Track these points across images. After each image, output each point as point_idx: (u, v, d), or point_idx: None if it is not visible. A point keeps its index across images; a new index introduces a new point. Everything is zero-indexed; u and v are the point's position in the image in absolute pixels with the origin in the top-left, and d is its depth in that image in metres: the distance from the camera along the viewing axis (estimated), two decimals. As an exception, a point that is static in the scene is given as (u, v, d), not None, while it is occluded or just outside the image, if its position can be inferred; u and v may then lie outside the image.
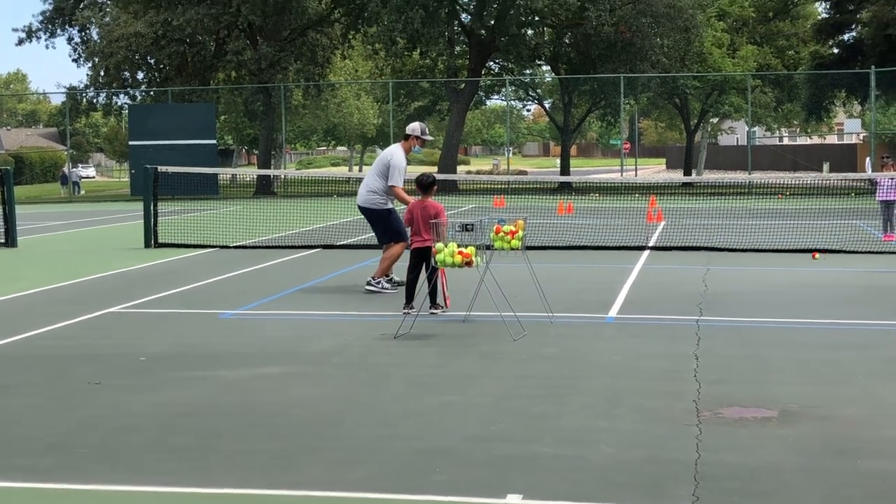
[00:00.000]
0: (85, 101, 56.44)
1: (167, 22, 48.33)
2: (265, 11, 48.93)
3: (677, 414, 7.33)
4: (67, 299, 13.59)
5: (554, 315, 11.33)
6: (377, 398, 7.99)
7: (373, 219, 13.77)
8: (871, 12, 43.92)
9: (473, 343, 10.21)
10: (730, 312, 11.82)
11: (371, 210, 13.70)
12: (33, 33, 57.50)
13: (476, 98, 57.08)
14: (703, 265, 16.34)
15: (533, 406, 7.66)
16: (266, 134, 52.85)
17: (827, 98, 50.16)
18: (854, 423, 7.11)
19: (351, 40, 54.23)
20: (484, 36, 49.14)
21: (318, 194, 41.53)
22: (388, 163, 13.58)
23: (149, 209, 20.68)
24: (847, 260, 17.12)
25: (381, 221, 13.69)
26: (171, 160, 37.76)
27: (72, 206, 43.88)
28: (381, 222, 13.68)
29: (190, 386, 8.46)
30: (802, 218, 24.55)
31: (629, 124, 66.46)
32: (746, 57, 54.63)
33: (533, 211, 29.22)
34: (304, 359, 9.57)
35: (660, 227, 23.79)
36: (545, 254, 18.01)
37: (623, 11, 45.19)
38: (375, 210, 13.66)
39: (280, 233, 23.29)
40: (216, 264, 17.41)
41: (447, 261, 10.53)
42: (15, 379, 8.87)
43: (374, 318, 11.74)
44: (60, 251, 21.37)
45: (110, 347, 10.21)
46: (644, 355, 9.44)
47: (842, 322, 11.19)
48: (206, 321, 11.73)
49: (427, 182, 12.13)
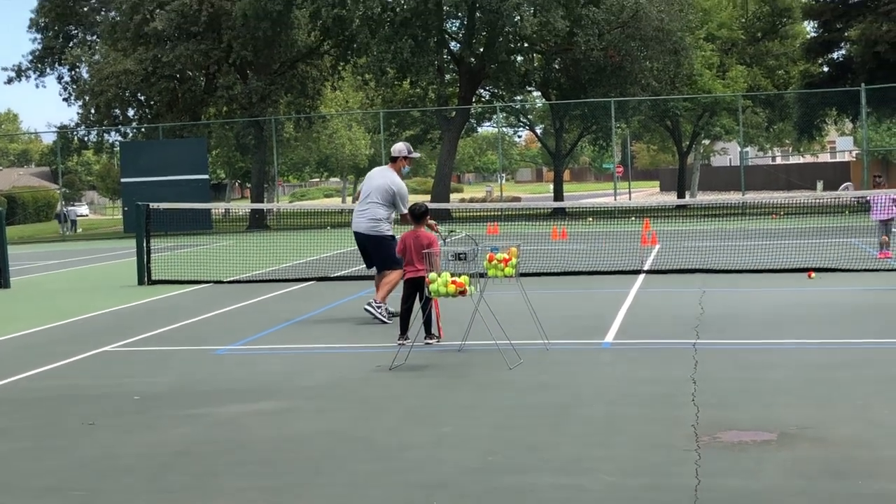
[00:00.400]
0: (76, 139, 56.49)
1: (157, 58, 48.43)
2: (255, 46, 49.05)
3: (676, 439, 7.27)
4: (61, 339, 13.52)
5: (550, 342, 11.28)
6: (373, 432, 7.92)
7: (377, 246, 13.70)
8: (860, 30, 44.06)
9: (469, 373, 10.16)
10: (726, 335, 11.78)
11: (376, 238, 13.68)
12: (23, 72, 57.71)
13: (467, 125, 57.16)
14: (698, 287, 16.29)
15: (530, 435, 7.60)
16: (258, 167, 52.87)
17: (818, 117, 50.23)
18: (852, 443, 7.06)
19: (341, 72, 54.33)
20: (473, 64, 49.25)
21: (311, 226, 41.56)
22: (392, 191, 13.59)
23: (142, 246, 20.64)
24: (843, 278, 17.09)
25: (386, 249, 13.59)
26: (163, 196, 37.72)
27: (65, 244, 43.82)
28: (385, 250, 13.57)
29: (185, 424, 8.39)
30: (797, 237, 24.53)
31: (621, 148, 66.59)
32: (736, 78, 54.78)
33: (527, 237, 29.21)
34: (300, 393, 9.51)
35: (654, 250, 23.75)
36: (540, 280, 17.98)
37: (611, 35, 45.31)
38: (380, 237, 13.64)
39: (274, 266, 23.23)
40: (210, 300, 17.35)
41: (441, 290, 10.48)
42: (7, 422, 8.79)
43: (369, 350, 11.68)
44: (54, 291, 21.31)
45: (104, 387, 10.14)
46: (641, 380, 9.38)
47: (838, 341, 11.15)
48: (201, 357, 11.66)
49: (419, 212, 12.08)
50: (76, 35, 58.98)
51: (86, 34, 58.64)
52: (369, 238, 13.73)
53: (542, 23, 43.38)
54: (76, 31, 58.92)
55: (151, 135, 52.02)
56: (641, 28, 44.84)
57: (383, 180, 13.77)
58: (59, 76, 58.82)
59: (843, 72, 47.36)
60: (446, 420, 8.21)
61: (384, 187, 13.64)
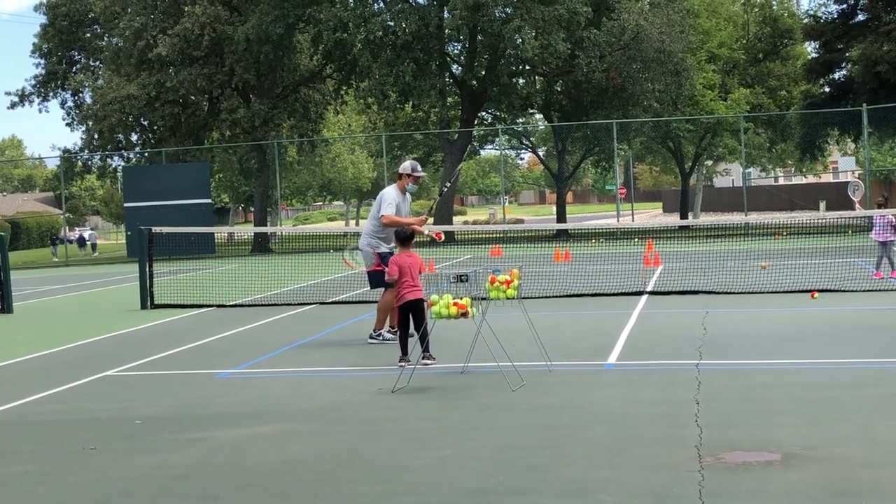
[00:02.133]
0: (80, 163, 56.61)
1: (160, 83, 48.58)
2: (257, 70, 49.21)
3: (679, 460, 7.23)
4: (63, 364, 13.50)
5: (552, 364, 11.25)
6: (374, 454, 7.89)
7: (366, 262, 13.87)
8: (860, 50, 44.10)
9: (471, 395, 10.12)
10: (729, 355, 11.73)
11: (364, 252, 13.86)
12: (26, 97, 57.92)
13: (470, 148, 57.22)
14: (701, 308, 16.25)
15: (532, 457, 7.56)
16: (261, 191, 52.94)
17: (820, 137, 50.24)
18: (855, 463, 7.02)
19: (343, 95, 54.45)
20: (475, 87, 49.35)
21: (314, 249, 41.55)
22: (379, 201, 13.83)
23: (144, 270, 20.64)
24: (846, 298, 17.05)
25: (368, 264, 13.84)
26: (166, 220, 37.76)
27: (68, 269, 43.84)
28: (368, 264, 13.79)
29: (185, 448, 8.36)
30: (800, 257, 24.49)
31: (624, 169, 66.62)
32: (739, 100, 54.83)
33: (530, 259, 29.18)
34: (301, 416, 9.48)
35: (657, 271, 23.72)
36: (542, 302, 17.95)
37: (613, 57, 45.37)
38: (367, 253, 13.79)
39: (276, 290, 23.20)
40: (213, 324, 17.33)
41: (443, 312, 10.46)
42: (8, 447, 8.76)
43: (370, 372, 11.65)
44: (56, 315, 21.30)
45: (105, 411, 10.11)
46: (644, 401, 9.35)
47: (840, 361, 11.11)
48: (203, 381, 11.63)
49: (405, 235, 12.07)
50: (79, 60, 59.20)
51: (89, 60, 58.85)
52: (362, 252, 14.00)
53: (543, 45, 43.46)
54: (79, 56, 59.13)
55: (154, 159, 52.12)
56: (642, 49, 44.90)
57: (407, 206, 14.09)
58: (62, 101, 59.06)
59: (845, 92, 47.41)
60: (448, 442, 8.17)
61: (377, 200, 13.99)
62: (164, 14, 50.12)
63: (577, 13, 43.82)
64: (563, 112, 53.30)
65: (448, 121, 50.48)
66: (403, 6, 46.19)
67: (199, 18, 47.66)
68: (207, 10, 47.84)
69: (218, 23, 48.10)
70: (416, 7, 47.12)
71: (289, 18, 46.18)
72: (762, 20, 59.28)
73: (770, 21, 58.80)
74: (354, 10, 45.67)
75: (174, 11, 49.73)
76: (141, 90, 48.61)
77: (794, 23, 57.36)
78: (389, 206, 13.65)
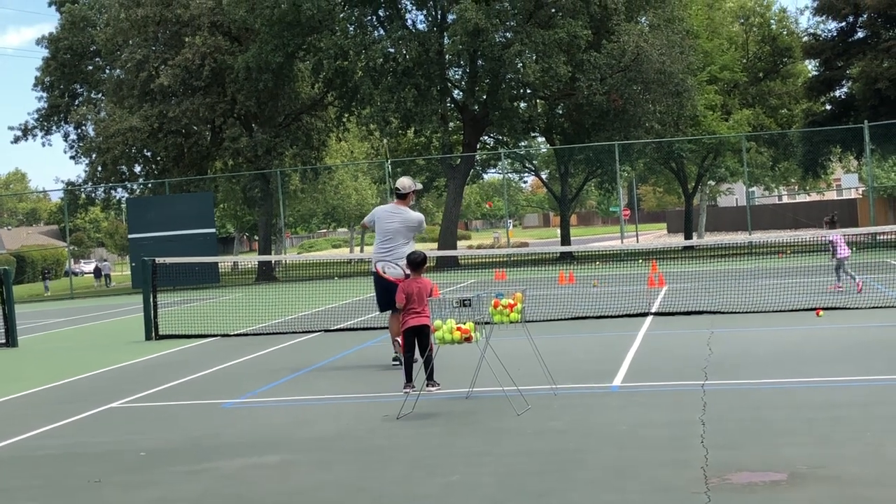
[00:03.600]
0: (83, 196, 56.74)
1: (163, 114, 48.73)
2: (259, 98, 49.33)
3: (685, 482, 7.19)
4: (67, 397, 13.48)
5: (557, 387, 11.22)
6: (380, 482, 7.85)
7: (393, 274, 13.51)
8: (860, 67, 44.18)
9: (477, 420, 10.08)
10: (735, 375, 11.69)
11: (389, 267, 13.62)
12: (29, 131, 58.11)
13: (473, 172, 57.27)
14: (707, 328, 16.22)
15: (540, 482, 7.53)
16: (265, 220, 52.98)
17: (822, 154, 50.22)
18: (863, 482, 6.98)
19: (346, 123, 54.56)
20: (477, 111, 49.42)
21: (319, 277, 41.55)
22: (414, 226, 13.90)
23: (148, 301, 20.63)
24: (851, 316, 17.00)
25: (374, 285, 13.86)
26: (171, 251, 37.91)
27: (73, 302, 43.87)
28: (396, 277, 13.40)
29: (190, 479, 8.33)
30: (805, 276, 24.46)
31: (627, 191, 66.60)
32: (741, 122, 54.84)
33: (534, 282, 29.15)
34: (306, 445, 9.44)
35: (662, 291, 23.69)
36: (547, 325, 17.92)
37: (613, 80, 45.43)
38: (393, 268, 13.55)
39: (281, 318, 23.18)
40: (217, 353, 17.31)
41: (446, 337, 10.43)
42: (14, 482, 8.73)
43: (376, 399, 11.61)
44: (61, 349, 21.29)
45: (110, 444, 10.09)
46: (650, 424, 9.31)
47: (846, 379, 11.07)
48: (208, 412, 11.61)
49: (418, 260, 12.07)
50: (82, 93, 59.40)
51: (91, 92, 59.05)
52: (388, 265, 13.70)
53: (543, 69, 43.55)
54: (82, 89, 59.32)
55: (158, 190, 52.21)
56: (643, 71, 44.96)
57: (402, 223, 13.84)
58: (65, 134, 59.22)
59: (846, 109, 47.47)
60: (454, 468, 8.14)
61: (407, 225, 13.80)
62: (166, 45, 50.31)
63: (577, 36, 43.94)
64: (565, 135, 53.35)
65: (450, 146, 50.55)
66: (403, 33, 46.32)
67: (200, 48, 47.84)
68: (208, 41, 48.03)
69: (218, 52, 48.28)
70: (416, 33, 47.27)
71: (289, 47, 46.34)
72: (761, 39, 59.38)
73: (769, 40, 58.88)
74: (355, 38, 45.82)
75: (175, 42, 49.91)
76: (143, 122, 48.75)
77: (793, 41, 57.44)
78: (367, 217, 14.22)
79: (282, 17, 44.83)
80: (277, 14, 44.61)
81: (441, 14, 48.13)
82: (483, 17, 42.69)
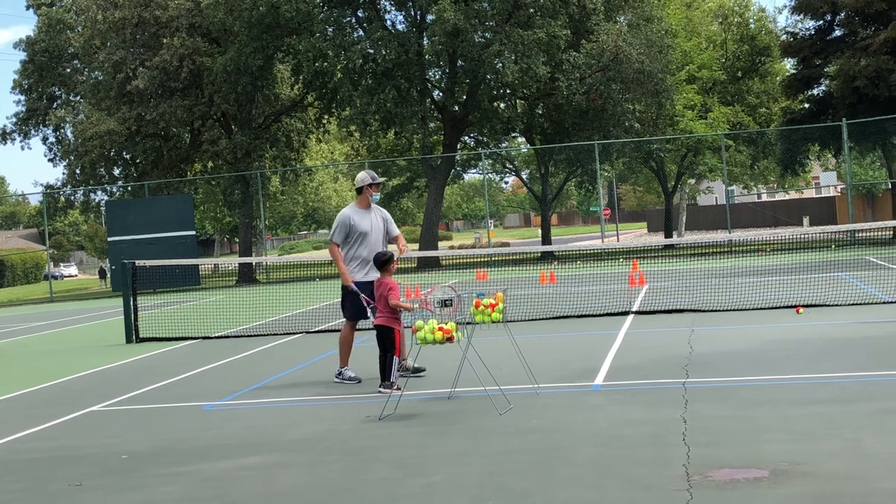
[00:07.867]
0: (62, 199, 56.54)
1: (140, 117, 48.62)
2: (238, 100, 49.24)
3: (667, 480, 7.21)
4: (47, 401, 13.42)
5: (539, 386, 11.23)
6: (364, 483, 7.85)
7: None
8: (838, 66, 44.40)
9: (459, 420, 10.08)
10: (716, 373, 11.72)
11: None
12: (7, 135, 57.91)
13: (453, 172, 57.30)
14: (687, 327, 16.26)
15: (521, 481, 7.53)
16: (245, 222, 52.91)
17: (801, 152, 50.44)
18: (845, 477, 7.01)
19: (326, 124, 54.50)
20: (457, 112, 49.48)
21: (300, 278, 41.48)
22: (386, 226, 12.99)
23: (128, 304, 20.58)
24: (830, 313, 17.08)
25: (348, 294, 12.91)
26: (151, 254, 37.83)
27: (53, 305, 43.67)
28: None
29: (172, 482, 8.31)
30: (785, 273, 24.55)
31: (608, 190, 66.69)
32: (718, 119, 55.01)
33: (515, 282, 29.17)
34: (288, 446, 9.43)
35: (643, 290, 23.74)
36: (529, 325, 17.93)
37: (593, 79, 45.54)
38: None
39: (262, 320, 23.14)
40: (198, 356, 17.27)
41: (428, 338, 10.43)
42: (-6, 486, 8.70)
43: (358, 400, 11.61)
44: (41, 352, 21.18)
45: (91, 447, 10.05)
46: (632, 422, 9.32)
47: (827, 375, 11.11)
48: (189, 414, 11.58)
49: (384, 259, 11.81)
50: (60, 96, 59.21)
51: (69, 95, 58.87)
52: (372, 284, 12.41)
53: (523, 69, 43.63)
54: (60, 91, 59.14)
55: (137, 193, 52.07)
56: (622, 71, 45.10)
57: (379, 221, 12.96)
58: (44, 137, 59.04)
59: (824, 107, 47.68)
60: (437, 468, 8.14)
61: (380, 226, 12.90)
62: (144, 47, 50.19)
63: (556, 36, 44.06)
64: (545, 135, 53.44)
65: (431, 146, 50.59)
66: (383, 33, 46.33)
67: (178, 50, 47.74)
68: (186, 42, 47.93)
69: (197, 54, 48.18)
70: (395, 34, 47.29)
71: (268, 50, 46.33)
72: (740, 38, 59.58)
73: (748, 39, 59.08)
74: (333, 40, 45.82)
75: (153, 44, 49.81)
76: (121, 124, 48.63)
77: (771, 40, 57.66)
78: (338, 233, 12.74)
79: (260, 20, 44.80)
80: (256, 16, 44.59)
81: (420, 14, 48.17)
82: (462, 17, 42.75)
